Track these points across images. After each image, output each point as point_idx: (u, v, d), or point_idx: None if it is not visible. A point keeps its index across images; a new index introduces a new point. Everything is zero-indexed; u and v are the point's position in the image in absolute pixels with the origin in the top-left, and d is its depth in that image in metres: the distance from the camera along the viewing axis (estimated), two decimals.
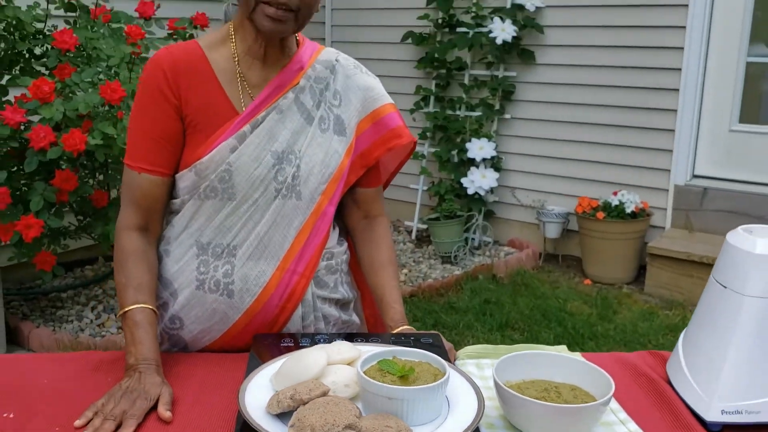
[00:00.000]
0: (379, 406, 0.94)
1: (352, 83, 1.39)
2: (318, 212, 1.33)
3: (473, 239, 4.37)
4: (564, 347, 1.30)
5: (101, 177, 3.01)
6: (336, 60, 1.39)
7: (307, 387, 0.94)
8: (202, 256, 1.29)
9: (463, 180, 4.23)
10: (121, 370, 1.17)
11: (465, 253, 4.24)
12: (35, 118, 2.59)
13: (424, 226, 4.51)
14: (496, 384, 0.99)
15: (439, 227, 4.17)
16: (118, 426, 1.02)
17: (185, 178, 1.27)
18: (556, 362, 1.08)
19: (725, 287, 1.10)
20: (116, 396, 1.07)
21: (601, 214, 3.89)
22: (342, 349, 1.07)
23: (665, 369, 1.24)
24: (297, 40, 1.37)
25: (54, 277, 2.85)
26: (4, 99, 2.75)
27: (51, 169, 2.64)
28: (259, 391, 1.00)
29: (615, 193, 3.99)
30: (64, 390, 1.14)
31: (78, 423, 1.03)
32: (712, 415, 1.06)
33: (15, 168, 2.67)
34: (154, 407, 1.07)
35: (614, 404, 1.11)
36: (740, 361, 1.07)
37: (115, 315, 3.20)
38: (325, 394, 0.94)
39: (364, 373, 0.97)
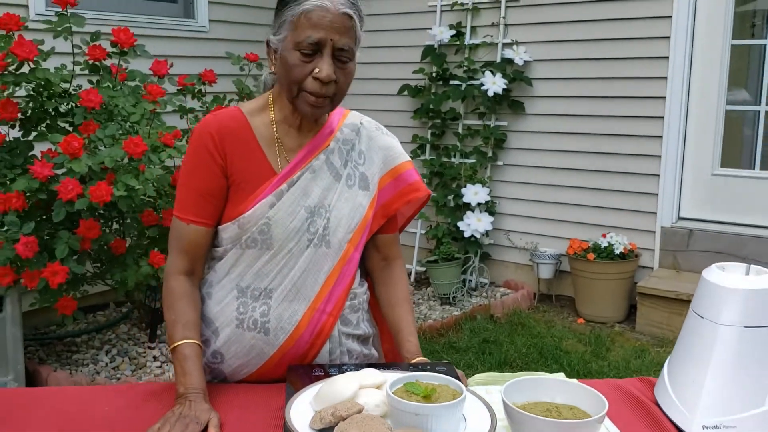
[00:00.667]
0: (407, 422, 1.08)
1: (374, 143, 1.54)
2: (345, 258, 1.46)
3: (470, 281, 4.48)
4: (562, 374, 1.45)
5: (117, 226, 3.17)
6: (360, 123, 1.54)
7: (345, 406, 1.08)
8: (242, 298, 1.42)
9: (460, 224, 4.35)
10: (170, 399, 1.30)
11: (463, 294, 4.34)
12: (60, 171, 2.74)
13: (423, 269, 4.61)
14: (504, 404, 1.11)
15: (437, 269, 4.27)
16: None
17: (228, 230, 1.41)
18: (556, 386, 1.19)
19: (702, 317, 1.24)
20: (171, 421, 1.19)
21: (591, 256, 4.01)
22: (371, 375, 1.21)
23: (652, 393, 1.37)
24: None
25: (72, 321, 2.97)
26: (29, 154, 2.90)
27: (74, 219, 2.78)
28: (301, 411, 1.15)
29: (604, 235, 4.11)
30: (120, 417, 1.26)
31: None
32: (695, 430, 1.19)
33: (40, 218, 2.82)
34: (204, 430, 1.19)
35: (608, 422, 1.24)
36: (718, 381, 1.20)
37: (129, 358, 3.32)
38: (360, 411, 1.09)
39: (393, 393, 1.11)
